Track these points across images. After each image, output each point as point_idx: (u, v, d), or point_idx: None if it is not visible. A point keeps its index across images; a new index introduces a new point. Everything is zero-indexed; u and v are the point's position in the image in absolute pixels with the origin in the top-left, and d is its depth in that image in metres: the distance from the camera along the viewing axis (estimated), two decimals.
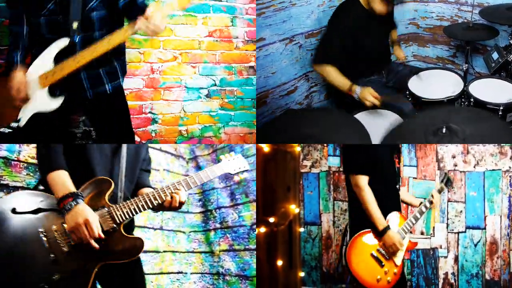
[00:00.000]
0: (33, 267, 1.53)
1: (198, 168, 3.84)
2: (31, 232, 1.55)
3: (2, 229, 1.54)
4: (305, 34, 3.61)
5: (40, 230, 1.57)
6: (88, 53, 2.03)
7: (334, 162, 3.30)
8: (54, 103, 2.09)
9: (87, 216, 1.59)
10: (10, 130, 2.08)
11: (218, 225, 3.54)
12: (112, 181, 1.74)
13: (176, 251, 3.56)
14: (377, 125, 2.76)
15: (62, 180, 1.64)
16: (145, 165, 2.12)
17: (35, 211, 1.59)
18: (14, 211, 1.58)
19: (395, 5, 3.11)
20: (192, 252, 3.67)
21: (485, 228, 3.13)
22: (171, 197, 1.81)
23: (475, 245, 3.13)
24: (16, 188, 2.57)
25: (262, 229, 2.69)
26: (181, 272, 3.54)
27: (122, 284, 1.86)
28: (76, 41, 2.07)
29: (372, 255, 2.27)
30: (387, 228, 2.25)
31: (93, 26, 2.13)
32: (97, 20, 2.13)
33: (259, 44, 3.39)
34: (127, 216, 1.71)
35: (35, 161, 2.68)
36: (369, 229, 2.29)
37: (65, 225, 1.60)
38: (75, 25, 2.06)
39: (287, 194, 2.93)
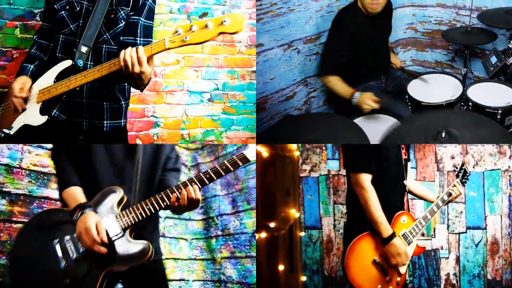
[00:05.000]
0: (49, 273, 1.68)
1: None
2: (48, 242, 1.71)
3: (26, 242, 1.76)
4: (303, 39, 3.60)
5: (55, 240, 1.71)
6: (79, 78, 1.99)
7: (333, 165, 3.30)
8: (40, 119, 2.07)
9: (87, 223, 1.67)
10: (1, 135, 2.10)
11: (219, 232, 3.53)
12: (121, 189, 1.81)
13: (178, 258, 3.55)
14: (376, 130, 2.75)
15: (73, 194, 1.79)
16: (171, 164, 2.09)
17: (54, 225, 1.76)
18: (39, 227, 1.78)
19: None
20: (194, 259, 3.66)
21: (485, 228, 3.12)
22: (177, 196, 1.77)
23: (476, 245, 3.11)
24: (18, 196, 2.60)
25: (263, 234, 2.69)
26: (183, 280, 3.53)
27: None
28: (80, 65, 2.05)
29: (374, 262, 2.04)
30: (392, 235, 2.00)
31: (101, 58, 2.11)
32: (106, 54, 2.11)
33: (258, 49, 3.39)
34: (133, 221, 1.75)
35: (37, 168, 2.71)
36: (369, 231, 2.06)
37: (74, 234, 1.72)
38: (84, 49, 2.06)
39: (286, 198, 2.93)
